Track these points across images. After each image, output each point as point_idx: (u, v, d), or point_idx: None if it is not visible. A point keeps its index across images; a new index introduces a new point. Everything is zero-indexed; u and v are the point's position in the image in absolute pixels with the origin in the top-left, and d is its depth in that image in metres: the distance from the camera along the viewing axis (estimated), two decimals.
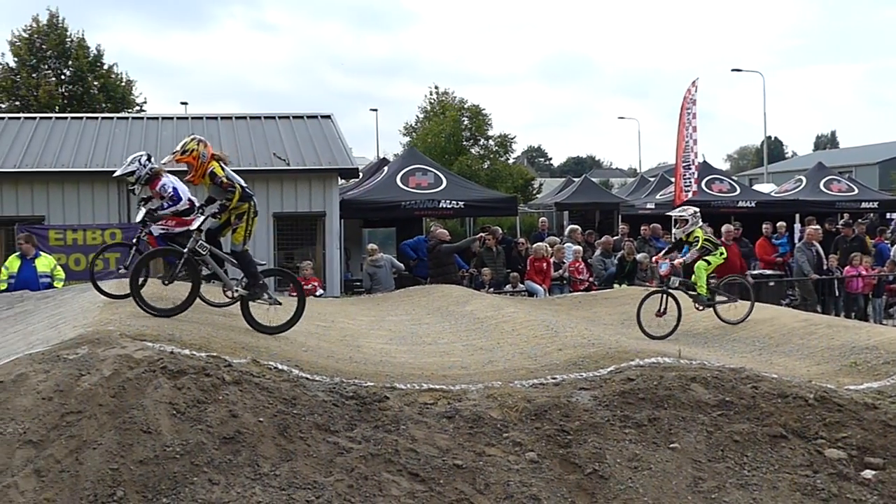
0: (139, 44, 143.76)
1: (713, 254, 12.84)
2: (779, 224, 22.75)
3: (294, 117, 22.82)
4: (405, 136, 53.77)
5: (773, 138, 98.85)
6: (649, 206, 30.23)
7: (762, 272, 20.97)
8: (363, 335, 11.09)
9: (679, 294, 12.53)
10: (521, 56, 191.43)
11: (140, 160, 10.57)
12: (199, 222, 9.72)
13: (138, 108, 42.62)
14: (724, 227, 20.32)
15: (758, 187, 36.83)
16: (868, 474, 7.33)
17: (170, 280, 9.86)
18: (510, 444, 7.32)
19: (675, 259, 12.88)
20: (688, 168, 22.57)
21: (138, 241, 10.69)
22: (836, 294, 20.05)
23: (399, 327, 11.98)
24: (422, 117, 52.56)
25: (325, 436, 7.12)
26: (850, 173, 53.90)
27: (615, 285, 18.67)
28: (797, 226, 25.72)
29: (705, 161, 31.50)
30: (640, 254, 19.35)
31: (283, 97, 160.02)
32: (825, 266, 20.13)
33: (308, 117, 22.90)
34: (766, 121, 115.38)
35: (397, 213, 22.29)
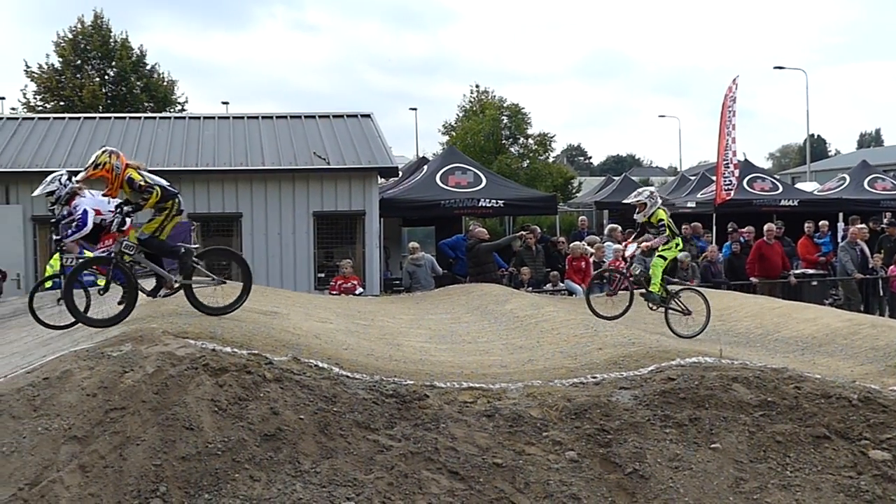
0: (181, 44, 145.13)
1: (669, 246, 12.11)
2: (821, 223, 22.48)
3: (334, 117, 22.91)
4: (444, 135, 53.82)
5: (815, 136, 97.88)
6: (690, 204, 29.95)
7: (805, 271, 20.75)
8: (403, 334, 11.11)
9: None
10: (561, 54, 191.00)
11: (60, 179, 10.32)
12: (116, 224, 9.47)
13: (180, 107, 42.99)
14: (766, 225, 20.10)
15: (800, 186, 36.37)
16: None
17: (104, 290, 9.54)
18: (550, 443, 7.31)
19: (643, 243, 12.18)
20: (728, 166, 22.38)
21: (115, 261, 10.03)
22: (881, 294, 19.80)
23: (438, 326, 11.98)
24: (461, 116, 52.53)
25: (366, 433, 7.15)
26: (895, 171, 53.16)
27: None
28: (840, 225, 25.38)
29: (747, 159, 31.23)
30: (682, 253, 19.21)
31: (323, 97, 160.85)
32: (870, 265, 19.88)
33: (348, 116, 22.99)
34: (808, 118, 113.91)
35: (437, 212, 22.31)
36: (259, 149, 20.71)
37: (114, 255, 9.41)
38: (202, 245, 18.80)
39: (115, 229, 9.51)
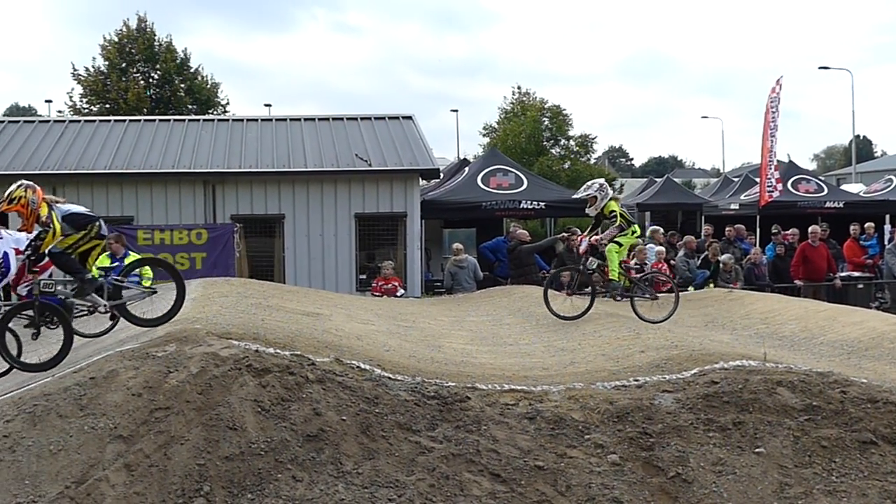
0: (224, 47, 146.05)
1: (625, 233, 11.97)
2: (867, 225, 22.18)
3: (376, 118, 22.98)
4: (485, 136, 53.78)
5: (861, 137, 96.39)
6: (733, 206, 29.65)
7: (850, 274, 20.50)
8: (444, 335, 11.11)
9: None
10: (603, 55, 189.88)
11: None
12: (28, 263, 9.08)
13: (222, 110, 43.32)
14: (810, 227, 19.87)
15: (846, 187, 35.93)
16: None
17: (35, 335, 8.90)
18: (592, 446, 7.28)
19: (593, 237, 12.05)
20: (772, 167, 22.18)
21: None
22: None
23: (480, 328, 11.97)
24: (502, 118, 52.47)
25: (407, 435, 7.17)
26: None
27: (710, 284, 18.41)
28: (887, 227, 25.03)
29: (791, 161, 30.93)
30: (725, 255, 19.06)
31: (364, 98, 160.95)
32: None
33: (390, 118, 23.04)
34: (854, 119, 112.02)
35: (478, 214, 22.29)
36: (301, 151, 20.83)
37: (35, 297, 8.89)
38: (245, 247, 19.02)
39: (28, 270, 9.13)
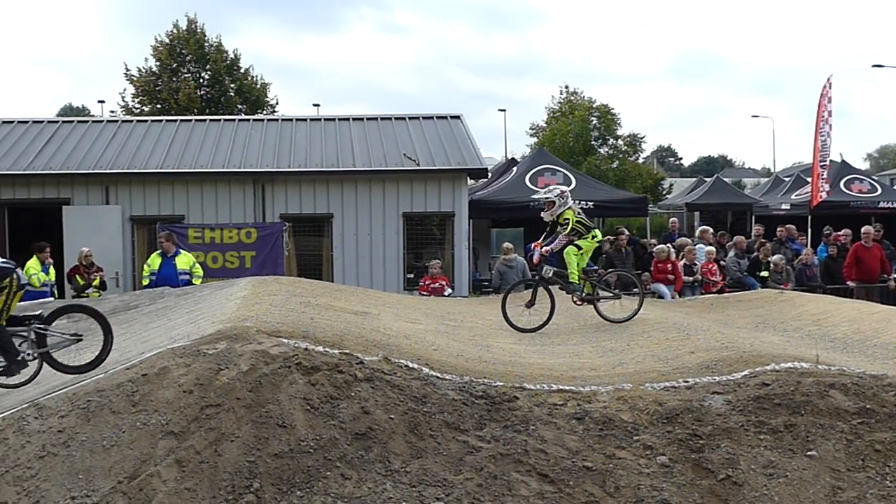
0: (273, 47, 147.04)
1: (584, 237, 11.79)
2: None
3: (424, 118, 23.06)
4: (532, 136, 53.68)
5: None
6: (784, 206, 29.36)
7: None
8: (492, 335, 11.10)
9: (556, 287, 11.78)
10: (651, 54, 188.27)
11: None
12: None
13: (271, 109, 43.67)
14: (863, 228, 19.60)
15: None
16: None
17: None
18: (641, 448, 7.24)
19: (544, 247, 11.83)
20: (824, 167, 21.92)
21: None
22: None
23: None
24: (549, 117, 52.33)
25: (455, 434, 7.17)
26: None
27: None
28: None
29: (844, 160, 30.50)
30: (776, 255, 18.85)
31: (411, 98, 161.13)
32: None
33: (438, 118, 23.11)
34: None
35: (526, 214, 22.24)
36: (350, 150, 20.96)
37: None
38: (294, 246, 19.15)
39: None
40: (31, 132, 21.83)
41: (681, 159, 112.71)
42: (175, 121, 23.60)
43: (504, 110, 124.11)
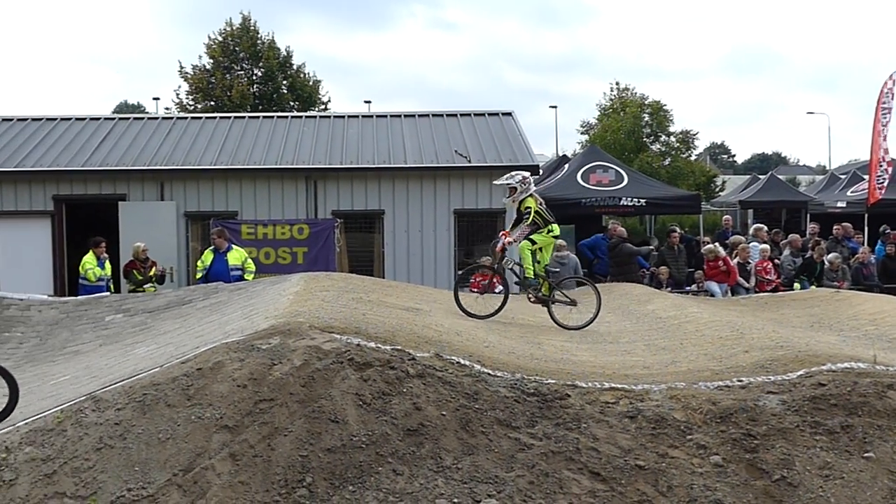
0: (325, 44, 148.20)
1: (540, 231, 11.58)
2: None
3: (475, 115, 23.04)
4: (583, 133, 53.39)
5: None
6: (840, 204, 28.91)
7: None
8: (543, 332, 11.07)
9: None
10: (704, 50, 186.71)
11: None
12: None
13: (324, 106, 43.90)
14: None
15: None
16: None
17: None
18: (694, 447, 7.17)
19: (507, 238, 11.72)
20: (883, 164, 21.54)
21: None
22: None
23: None
24: (600, 114, 52.00)
25: (507, 431, 7.16)
26: None
27: (795, 285, 18.02)
28: None
29: None
30: (832, 254, 18.59)
31: (462, 95, 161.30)
32: None
33: (489, 115, 23.08)
34: None
35: (577, 211, 22.21)
36: (401, 147, 21.01)
37: None
38: (345, 242, 19.25)
39: None
40: (87, 129, 22.16)
41: (734, 156, 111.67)
42: (228, 118, 23.79)
43: (555, 107, 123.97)
